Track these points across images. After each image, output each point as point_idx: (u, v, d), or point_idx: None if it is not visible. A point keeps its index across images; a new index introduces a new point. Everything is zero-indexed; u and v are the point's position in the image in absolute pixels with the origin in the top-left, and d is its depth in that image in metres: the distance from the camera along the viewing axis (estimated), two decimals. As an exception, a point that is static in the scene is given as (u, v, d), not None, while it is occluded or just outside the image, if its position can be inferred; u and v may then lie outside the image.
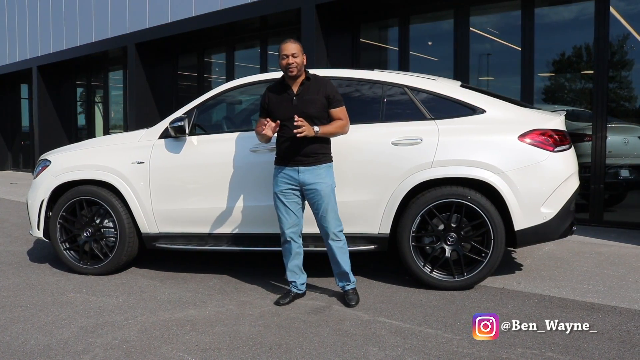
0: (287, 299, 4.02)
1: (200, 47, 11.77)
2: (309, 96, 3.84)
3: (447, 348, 3.17)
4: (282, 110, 3.88)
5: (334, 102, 3.87)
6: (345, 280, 4.03)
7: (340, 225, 3.97)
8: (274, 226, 4.45)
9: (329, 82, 3.95)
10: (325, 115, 3.88)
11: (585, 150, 6.84)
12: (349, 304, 3.91)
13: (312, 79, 3.91)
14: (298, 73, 3.85)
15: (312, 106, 3.82)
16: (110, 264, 4.77)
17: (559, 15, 7.42)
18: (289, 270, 4.08)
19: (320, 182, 3.84)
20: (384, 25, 9.17)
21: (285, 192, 3.92)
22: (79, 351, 3.19)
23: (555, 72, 7.48)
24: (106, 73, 14.55)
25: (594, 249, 5.55)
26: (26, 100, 17.42)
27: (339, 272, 4.01)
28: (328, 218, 3.88)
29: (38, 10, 14.58)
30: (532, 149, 4.15)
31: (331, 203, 3.88)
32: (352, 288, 4.02)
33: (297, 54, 3.80)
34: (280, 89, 3.95)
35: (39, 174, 5.02)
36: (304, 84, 3.88)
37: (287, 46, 3.80)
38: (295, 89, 3.88)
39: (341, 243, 3.96)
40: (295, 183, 3.89)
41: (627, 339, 3.27)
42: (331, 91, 3.87)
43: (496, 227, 4.13)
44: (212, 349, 3.19)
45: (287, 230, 3.97)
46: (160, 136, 4.71)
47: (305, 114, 3.79)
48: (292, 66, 3.80)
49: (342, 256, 3.96)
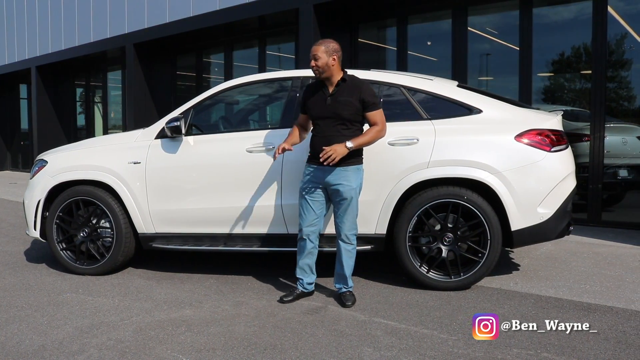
0: (290, 296, 4.03)
1: (198, 47, 11.77)
2: (343, 98, 3.81)
3: (442, 348, 3.16)
4: (317, 108, 3.88)
5: (369, 105, 3.81)
6: (343, 283, 4.03)
7: (355, 229, 3.96)
8: (271, 226, 4.47)
9: (365, 85, 3.87)
10: (359, 118, 3.85)
11: (584, 150, 6.83)
12: (345, 304, 3.90)
13: (349, 80, 3.86)
14: (322, 75, 3.83)
15: (345, 108, 3.79)
16: (106, 264, 4.76)
17: (557, 15, 7.42)
18: (298, 267, 4.08)
19: (344, 183, 3.81)
20: (382, 25, 9.17)
21: (309, 190, 3.91)
22: (73, 351, 3.18)
23: (554, 72, 7.48)
24: (105, 73, 14.55)
25: (591, 249, 5.54)
26: (25, 100, 17.42)
27: (340, 273, 4.01)
28: (345, 219, 3.88)
29: (37, 11, 14.58)
30: (529, 149, 4.15)
31: (352, 205, 3.86)
32: (348, 291, 4.03)
33: (318, 56, 3.78)
34: (317, 87, 3.94)
35: (36, 174, 5.01)
36: (340, 85, 3.85)
37: (313, 48, 3.82)
38: (330, 89, 3.86)
39: (351, 247, 3.95)
40: (320, 182, 3.87)
41: (623, 339, 3.26)
42: (367, 94, 3.81)
43: (493, 227, 4.12)
44: (207, 349, 3.18)
45: (305, 228, 3.95)
46: (157, 136, 4.71)
47: (338, 115, 3.79)
48: (313, 69, 3.82)
49: (347, 260, 3.96)
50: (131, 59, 11.38)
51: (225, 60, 11.41)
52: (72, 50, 13.27)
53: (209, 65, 12.28)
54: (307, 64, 3.96)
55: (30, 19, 14.85)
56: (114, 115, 14.45)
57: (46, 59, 14.18)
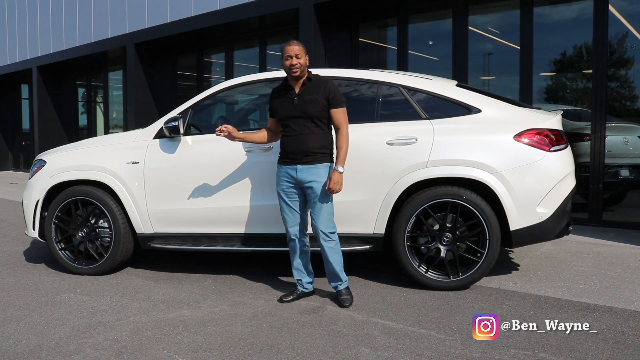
0: (290, 296, 4.04)
1: (199, 47, 11.77)
2: (310, 96, 3.84)
3: (439, 349, 3.15)
4: (284, 109, 3.91)
5: (333, 102, 3.85)
6: (337, 280, 4.01)
7: (333, 226, 3.93)
8: (269, 226, 4.46)
9: (330, 82, 3.92)
10: (325, 115, 3.87)
11: (585, 149, 6.81)
12: (343, 304, 3.89)
13: (314, 79, 3.90)
14: (301, 74, 3.84)
15: (312, 106, 3.82)
16: (105, 264, 4.75)
17: (558, 14, 7.39)
18: (294, 269, 4.09)
19: (317, 180, 3.82)
20: (383, 25, 9.15)
21: (286, 191, 3.93)
22: (69, 352, 3.18)
23: (556, 72, 7.45)
24: (106, 73, 14.56)
25: (591, 249, 5.52)
26: (26, 100, 17.44)
27: (330, 272, 4.00)
28: (320, 217, 3.86)
29: (38, 11, 14.59)
30: (528, 149, 4.13)
31: (325, 203, 3.86)
32: (344, 287, 4.00)
33: (300, 55, 3.80)
34: (283, 89, 3.96)
35: (34, 174, 5.01)
36: (306, 84, 3.87)
37: (291, 48, 3.82)
38: (297, 89, 3.88)
39: (333, 243, 3.93)
40: (294, 181, 3.88)
41: (621, 339, 3.24)
42: (331, 91, 3.85)
43: (491, 227, 4.10)
44: (204, 350, 3.18)
45: (291, 228, 3.98)
46: (155, 136, 4.70)
47: (306, 114, 3.81)
48: (295, 67, 3.80)
49: (333, 256, 3.93)
50: (132, 58, 11.39)
51: (226, 60, 11.40)
52: (73, 50, 13.28)
53: (210, 65, 12.27)
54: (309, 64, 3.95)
55: (32, 19, 14.87)
56: (116, 115, 14.45)
57: (47, 59, 14.19)
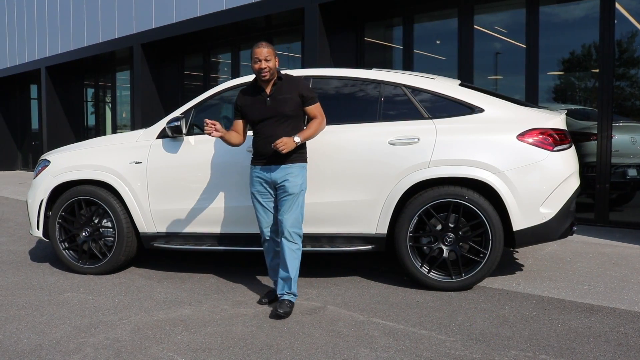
0: (267, 298, 4.00)
1: (205, 47, 11.79)
2: (282, 95, 3.81)
3: (439, 350, 3.13)
4: (256, 111, 3.85)
5: (307, 99, 3.84)
6: (287, 288, 3.79)
7: (299, 228, 3.81)
8: (271, 226, 4.45)
9: (301, 81, 3.94)
10: (300, 113, 3.87)
11: (592, 149, 6.75)
12: (278, 311, 3.65)
13: (285, 79, 3.88)
14: (270, 77, 3.80)
15: (286, 105, 3.79)
16: (108, 263, 4.77)
17: (565, 13, 7.33)
18: (270, 269, 4.06)
19: (290, 179, 3.78)
20: (389, 24, 9.12)
21: (261, 192, 3.89)
22: (69, 351, 3.19)
23: (564, 71, 7.39)
24: (114, 73, 14.64)
25: (597, 250, 5.47)
26: (35, 100, 17.56)
27: (283, 277, 3.79)
28: (287, 216, 3.75)
29: (46, 12, 14.69)
30: (531, 148, 4.10)
31: (296, 203, 3.78)
32: (289, 300, 3.77)
33: (269, 58, 3.74)
34: (253, 90, 3.91)
35: (39, 174, 5.04)
36: (277, 84, 3.85)
37: (260, 50, 3.75)
38: (268, 90, 3.84)
39: (295, 247, 3.78)
40: (268, 181, 3.85)
41: (624, 341, 3.21)
42: (304, 89, 3.85)
43: (494, 227, 4.08)
44: (203, 349, 3.18)
45: (265, 229, 3.94)
46: (158, 136, 4.71)
47: (280, 113, 3.78)
48: (264, 71, 3.74)
49: (292, 260, 3.77)
50: (138, 59, 11.43)
51: (232, 59, 11.42)
52: (80, 50, 13.35)
53: (216, 64, 12.30)
54: (314, 63, 3.94)
55: (40, 20, 14.97)
56: (125, 115, 14.52)
57: (55, 59, 14.28)
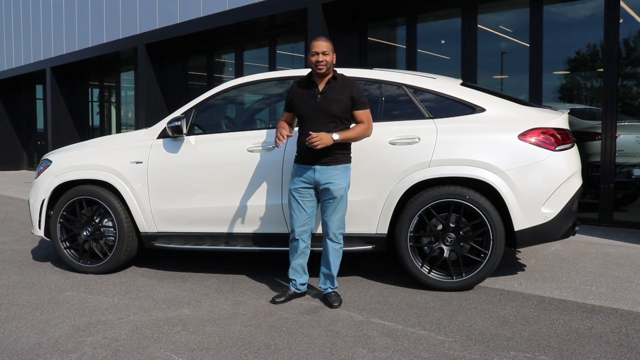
0: (283, 297, 4.00)
1: (209, 47, 11.82)
2: (333, 95, 3.80)
3: (438, 350, 3.11)
4: (306, 106, 3.86)
5: (358, 104, 3.82)
6: (329, 284, 4.00)
7: (343, 228, 3.93)
8: (272, 225, 4.45)
9: (355, 84, 3.90)
10: (348, 116, 3.85)
11: (597, 149, 6.71)
12: (332, 304, 3.87)
13: (339, 79, 3.87)
14: (327, 71, 3.81)
15: (336, 106, 3.78)
16: (109, 263, 4.77)
17: (569, 12, 7.29)
18: (291, 268, 4.05)
19: (334, 182, 3.80)
20: (392, 24, 9.10)
21: (300, 191, 3.88)
22: (67, 350, 3.19)
23: (569, 70, 7.35)
24: (118, 74, 14.69)
25: (600, 250, 5.43)
26: (41, 100, 17.65)
27: (326, 273, 3.98)
28: (333, 218, 3.85)
29: (51, 12, 14.75)
30: (533, 148, 4.07)
31: (340, 205, 3.85)
32: (334, 291, 4.00)
33: (327, 52, 3.77)
34: (306, 84, 3.92)
35: (40, 174, 5.06)
36: (330, 83, 3.84)
37: (318, 44, 3.78)
38: (321, 87, 3.84)
39: (338, 246, 3.93)
40: (310, 182, 3.85)
41: (625, 342, 3.17)
42: (356, 93, 3.82)
43: (495, 227, 4.05)
44: (200, 349, 3.17)
45: (297, 228, 3.93)
46: (159, 136, 4.71)
47: (328, 112, 3.78)
48: (321, 64, 3.77)
49: (335, 259, 3.93)
50: (143, 59, 11.46)
51: (236, 60, 11.44)
52: (85, 51, 13.41)
53: (220, 65, 12.31)
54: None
55: (45, 21, 15.04)
56: (131, 115, 14.55)
57: (61, 59, 14.35)
